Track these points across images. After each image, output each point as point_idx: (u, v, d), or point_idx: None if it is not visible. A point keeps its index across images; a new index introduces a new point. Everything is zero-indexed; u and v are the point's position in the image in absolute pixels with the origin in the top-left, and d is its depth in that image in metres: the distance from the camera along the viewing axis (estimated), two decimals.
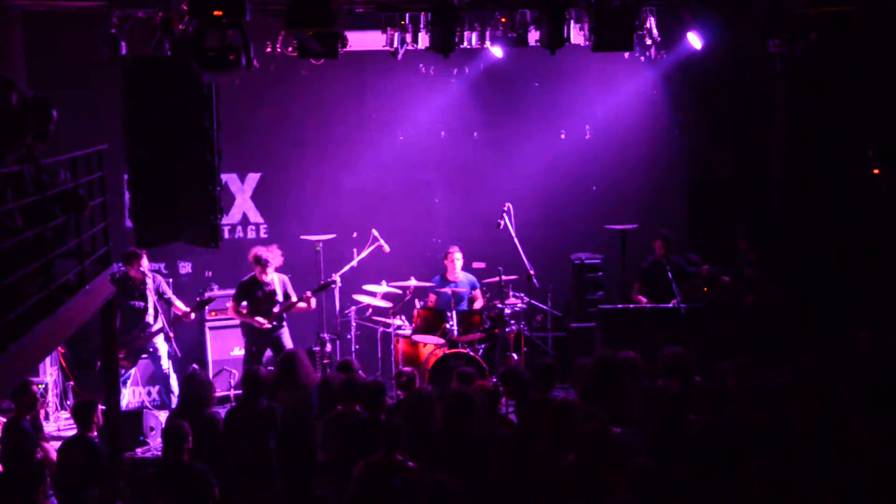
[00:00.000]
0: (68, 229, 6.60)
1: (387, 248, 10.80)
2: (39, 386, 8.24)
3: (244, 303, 10.02)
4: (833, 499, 6.46)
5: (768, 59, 8.60)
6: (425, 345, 10.24)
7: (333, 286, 10.32)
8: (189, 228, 8.57)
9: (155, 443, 9.04)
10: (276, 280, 10.03)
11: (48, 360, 9.66)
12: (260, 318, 9.89)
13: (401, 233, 11.36)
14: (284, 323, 10.13)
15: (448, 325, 10.13)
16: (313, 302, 10.10)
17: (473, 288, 10.76)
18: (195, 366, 9.92)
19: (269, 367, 9.75)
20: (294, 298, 10.05)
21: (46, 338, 6.05)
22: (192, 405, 7.58)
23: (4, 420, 7.83)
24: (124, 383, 9.88)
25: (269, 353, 10.61)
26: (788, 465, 6.19)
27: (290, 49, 9.26)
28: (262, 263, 9.90)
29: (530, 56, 10.31)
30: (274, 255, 9.97)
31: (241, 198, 11.59)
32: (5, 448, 7.35)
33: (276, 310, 9.97)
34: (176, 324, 10.00)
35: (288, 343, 10.08)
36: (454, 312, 10.19)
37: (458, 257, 10.72)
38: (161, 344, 9.84)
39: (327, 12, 8.16)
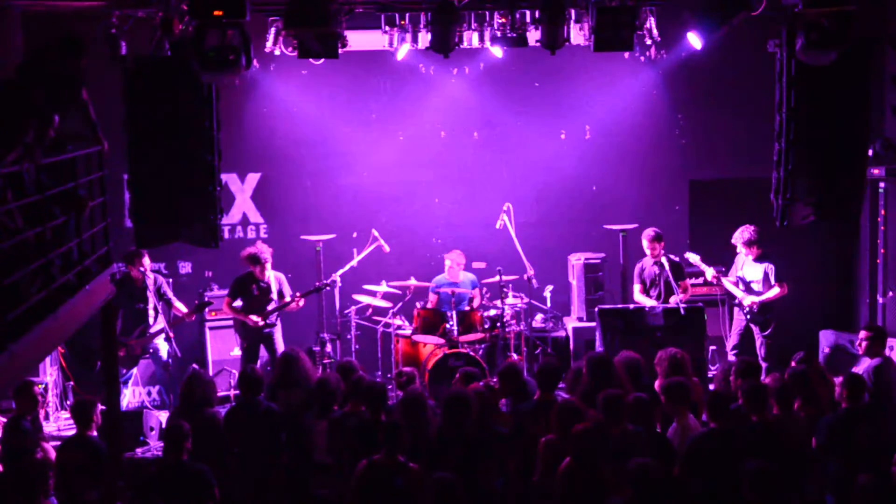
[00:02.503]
0: (68, 229, 6.61)
1: (387, 248, 10.80)
2: (40, 386, 8.24)
3: (238, 300, 10.00)
4: (832, 499, 6.46)
5: (768, 59, 8.59)
6: (425, 345, 10.25)
7: (329, 287, 10.27)
8: (189, 228, 8.59)
9: (155, 443, 9.04)
10: (272, 277, 10.02)
11: (48, 360, 9.66)
12: (254, 317, 9.88)
13: (401, 233, 11.36)
14: (277, 321, 10.12)
15: (448, 326, 10.13)
16: (301, 302, 10.08)
17: (474, 287, 10.75)
18: (195, 366, 9.92)
19: (268, 368, 9.79)
20: (288, 297, 10.04)
21: (46, 338, 6.05)
22: (193, 405, 7.58)
23: (4, 420, 7.84)
24: (124, 383, 9.88)
25: (264, 356, 10.62)
26: (788, 465, 6.20)
27: (290, 49, 9.26)
28: (260, 262, 9.89)
29: (530, 56, 10.31)
30: (267, 252, 9.96)
31: (241, 198, 11.59)
32: (5, 448, 7.35)
33: (269, 307, 9.95)
34: (176, 324, 10.01)
35: (279, 342, 10.08)
36: (454, 312, 10.19)
37: (460, 260, 10.71)
38: (161, 344, 9.83)
39: (327, 12, 8.16)
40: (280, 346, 10.06)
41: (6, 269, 5.44)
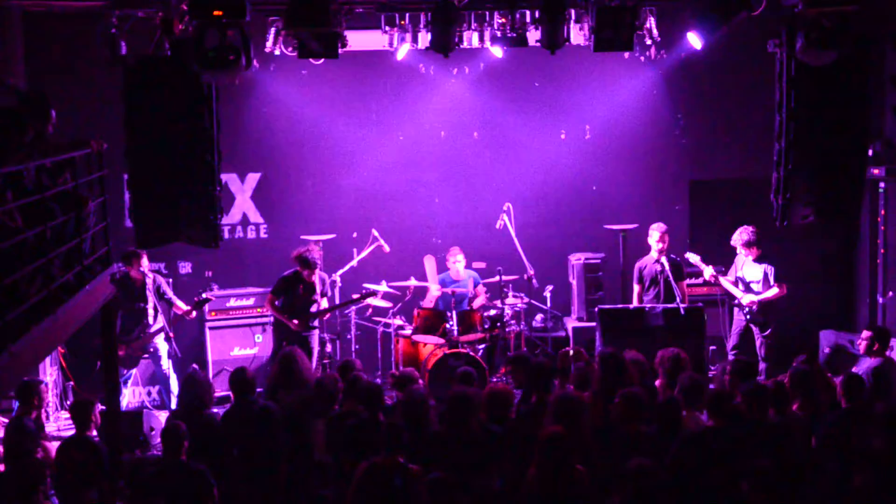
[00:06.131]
0: (68, 229, 6.61)
1: (387, 248, 10.81)
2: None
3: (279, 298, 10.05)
4: (832, 498, 6.46)
5: (768, 59, 8.60)
6: (425, 345, 10.24)
7: (372, 296, 10.33)
8: (189, 228, 8.59)
9: (155, 443, 9.04)
10: (316, 277, 10.03)
11: (48, 360, 9.66)
12: (296, 321, 9.89)
13: (401, 233, 11.37)
14: (316, 324, 10.14)
15: (448, 325, 10.13)
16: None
17: (476, 285, 10.75)
18: (195, 366, 9.92)
19: (268, 367, 9.78)
20: (328, 296, 10.14)
21: (46, 338, 6.05)
22: (192, 406, 7.57)
23: (5, 420, 7.83)
24: (125, 383, 9.88)
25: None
26: (787, 465, 6.20)
27: (290, 49, 9.26)
28: (310, 266, 9.87)
29: (530, 56, 10.31)
30: (318, 255, 9.98)
31: (241, 198, 11.59)
32: (7, 447, 7.35)
33: (313, 309, 9.99)
34: (175, 323, 10.01)
35: (315, 345, 10.10)
36: (454, 312, 10.19)
37: (459, 258, 10.72)
38: (161, 344, 9.83)
39: (327, 12, 8.16)
40: (316, 349, 10.10)
41: (6, 269, 5.45)
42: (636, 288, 10.24)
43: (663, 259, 10.02)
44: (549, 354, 10.63)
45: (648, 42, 9.68)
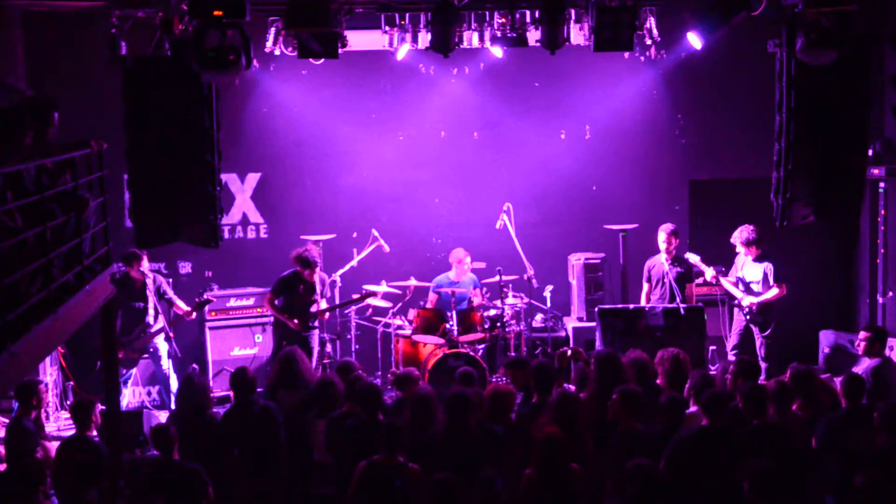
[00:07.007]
0: (68, 229, 6.61)
1: (387, 248, 10.81)
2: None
3: (279, 298, 10.06)
4: (832, 499, 6.46)
5: (768, 59, 8.61)
6: (425, 345, 10.24)
7: (369, 297, 10.35)
8: (189, 228, 8.60)
9: None
10: (316, 278, 10.04)
11: (48, 360, 9.66)
12: (297, 321, 9.90)
13: (401, 233, 11.37)
14: (316, 324, 10.15)
15: (448, 325, 10.13)
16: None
17: (475, 287, 10.75)
18: (195, 366, 9.93)
19: (269, 368, 9.78)
20: (327, 297, 10.15)
21: (46, 338, 6.05)
22: (189, 409, 7.57)
23: (5, 420, 7.83)
24: (124, 383, 9.88)
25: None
26: (787, 465, 6.20)
27: (290, 49, 9.26)
28: (311, 266, 9.89)
29: (530, 56, 10.31)
30: (317, 255, 10.00)
31: (241, 198, 11.59)
32: (7, 447, 7.35)
33: (313, 309, 9.99)
34: (176, 324, 10.01)
35: (315, 345, 10.11)
36: (454, 312, 10.18)
37: (466, 259, 10.69)
38: (161, 344, 9.84)
39: (327, 12, 8.16)
40: (316, 349, 10.10)
41: (6, 269, 5.45)
42: (645, 286, 10.27)
43: (662, 258, 10.04)
44: (549, 354, 10.63)
45: (648, 42, 9.69)
